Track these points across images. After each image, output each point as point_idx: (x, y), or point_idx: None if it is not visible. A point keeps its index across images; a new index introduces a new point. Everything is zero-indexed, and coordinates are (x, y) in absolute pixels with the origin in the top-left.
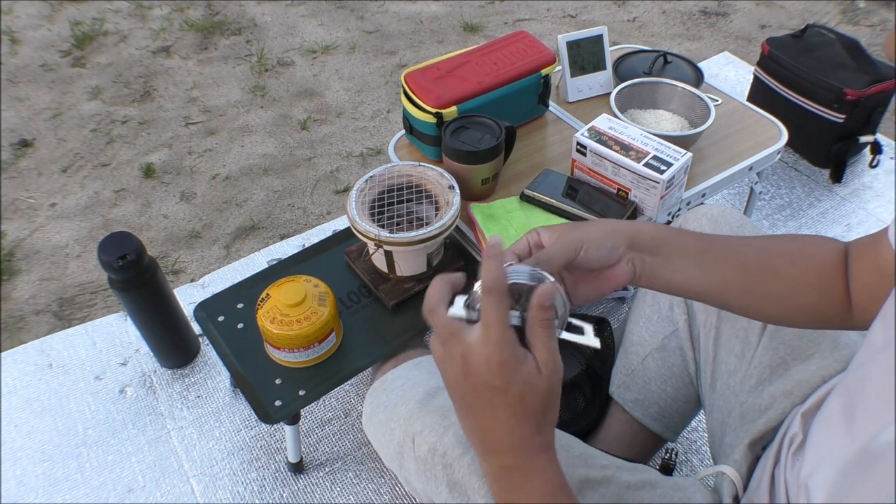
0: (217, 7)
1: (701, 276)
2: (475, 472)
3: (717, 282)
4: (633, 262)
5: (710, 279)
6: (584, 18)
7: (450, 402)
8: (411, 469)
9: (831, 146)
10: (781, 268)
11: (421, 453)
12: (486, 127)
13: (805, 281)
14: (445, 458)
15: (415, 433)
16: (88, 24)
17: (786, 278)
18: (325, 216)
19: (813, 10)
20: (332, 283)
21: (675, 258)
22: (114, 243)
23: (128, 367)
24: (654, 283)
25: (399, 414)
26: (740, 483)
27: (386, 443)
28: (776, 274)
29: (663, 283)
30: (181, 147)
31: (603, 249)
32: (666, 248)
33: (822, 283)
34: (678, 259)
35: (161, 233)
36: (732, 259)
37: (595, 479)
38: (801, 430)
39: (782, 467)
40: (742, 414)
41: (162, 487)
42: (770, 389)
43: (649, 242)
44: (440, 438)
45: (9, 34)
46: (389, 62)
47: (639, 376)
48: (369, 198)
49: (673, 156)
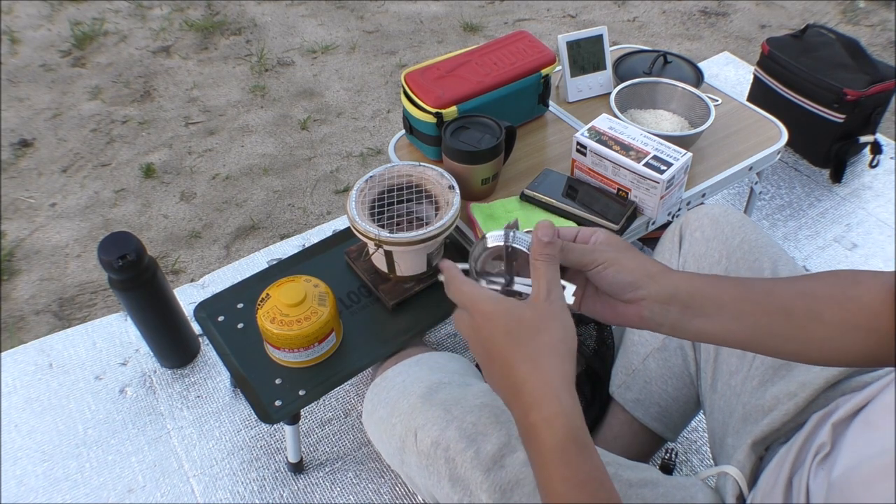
0: (217, 7)
1: (738, 326)
2: (478, 467)
3: (755, 330)
4: (651, 310)
5: (748, 327)
6: (584, 18)
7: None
8: (413, 464)
9: (831, 146)
10: (826, 312)
11: (423, 447)
12: (486, 127)
13: (851, 323)
14: (448, 452)
15: (417, 427)
16: (88, 24)
17: (831, 322)
18: (325, 216)
19: (813, 10)
20: (332, 283)
21: (710, 309)
22: (114, 243)
23: (128, 367)
24: (683, 334)
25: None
26: (744, 483)
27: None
28: (821, 318)
29: (693, 333)
30: (181, 147)
31: (620, 278)
32: (699, 299)
33: (871, 324)
34: (713, 310)
35: (161, 233)
36: (773, 305)
37: None
38: (829, 441)
39: (804, 474)
40: (745, 415)
41: (162, 487)
42: (773, 391)
43: (683, 296)
44: (443, 432)
45: (9, 34)
46: (389, 62)
47: (639, 376)
48: (369, 198)
49: (673, 156)
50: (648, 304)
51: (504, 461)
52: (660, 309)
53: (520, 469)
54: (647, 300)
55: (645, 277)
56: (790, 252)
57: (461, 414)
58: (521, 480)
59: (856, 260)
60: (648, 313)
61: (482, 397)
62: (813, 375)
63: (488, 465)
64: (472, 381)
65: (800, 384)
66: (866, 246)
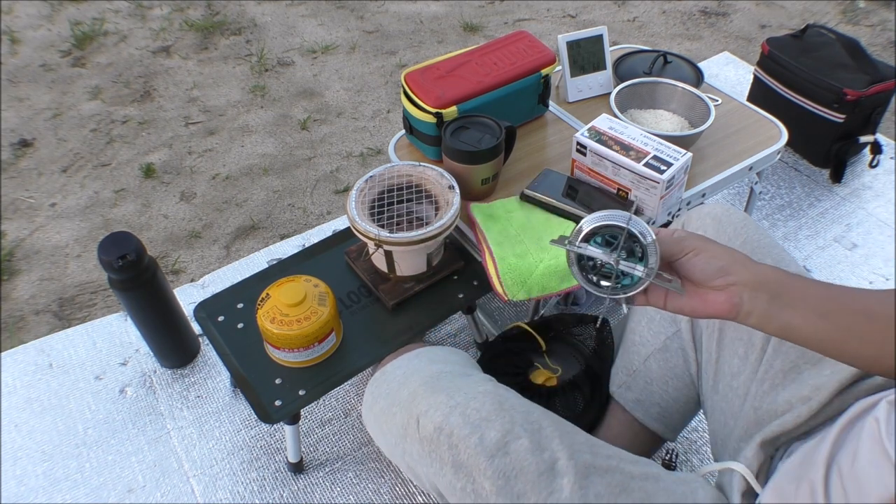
0: (217, 7)
1: (822, 323)
2: (482, 453)
3: (838, 330)
4: (741, 297)
5: (832, 326)
6: (584, 18)
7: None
8: (414, 452)
9: (831, 146)
10: None
11: (426, 433)
12: (486, 127)
13: None
14: (452, 437)
15: (419, 413)
16: (88, 24)
17: None
18: (325, 216)
19: (813, 10)
20: (332, 283)
21: (797, 301)
22: (114, 243)
23: (128, 367)
24: (769, 325)
25: (401, 397)
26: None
27: (387, 430)
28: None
29: (779, 325)
30: (181, 147)
31: (709, 265)
32: (788, 290)
33: None
34: (800, 303)
35: (161, 233)
36: (855, 306)
37: (601, 467)
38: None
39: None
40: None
41: (162, 487)
42: (784, 395)
43: (773, 284)
44: (446, 418)
45: (9, 34)
46: (389, 62)
47: (640, 377)
48: (369, 198)
49: (673, 156)
50: (738, 290)
51: (508, 448)
52: (750, 295)
53: (523, 456)
54: (737, 285)
55: (735, 263)
56: (790, 252)
57: (464, 401)
58: (524, 468)
59: (856, 260)
60: (738, 300)
61: (484, 385)
62: (825, 379)
63: (492, 451)
64: (472, 371)
65: (813, 388)
66: (866, 246)
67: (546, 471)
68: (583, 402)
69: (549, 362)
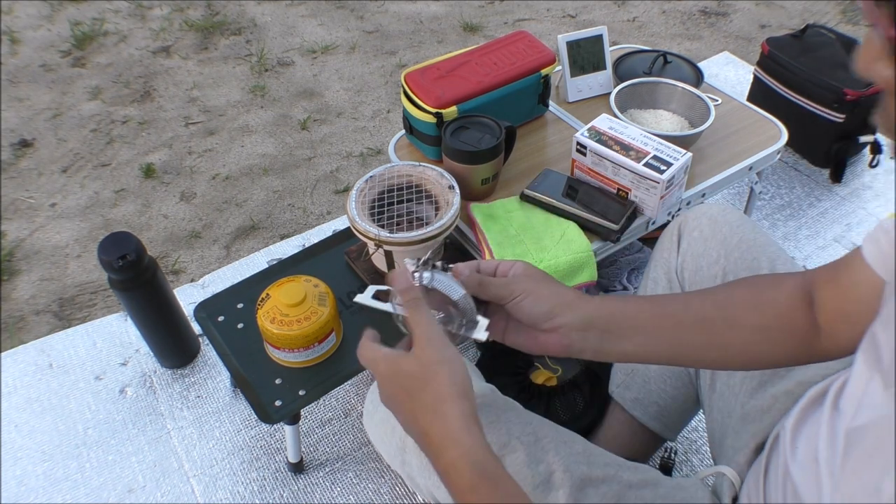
0: (217, 7)
1: (656, 343)
2: None
3: (674, 345)
4: (570, 337)
5: (666, 343)
6: (584, 18)
7: None
8: (414, 465)
9: (831, 146)
10: (743, 317)
11: None
12: (486, 127)
13: (769, 326)
14: None
15: None
16: (88, 24)
17: (748, 327)
18: (325, 216)
19: (813, 10)
20: (332, 283)
21: (628, 331)
22: (114, 243)
23: (128, 367)
24: (608, 357)
25: None
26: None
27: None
28: (738, 324)
29: (616, 355)
30: (181, 147)
31: (536, 308)
32: (616, 323)
33: (788, 325)
34: (631, 331)
35: (161, 233)
36: (688, 318)
37: (597, 478)
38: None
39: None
40: (743, 416)
41: (162, 487)
42: (772, 391)
43: (602, 320)
44: None
45: (9, 34)
46: (389, 62)
47: (639, 376)
48: (369, 198)
49: (673, 156)
50: (567, 332)
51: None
52: (578, 336)
53: (519, 469)
54: (564, 328)
55: (560, 306)
56: (790, 252)
57: None
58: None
59: None
60: (568, 341)
61: (482, 397)
62: (811, 374)
63: None
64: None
65: (797, 382)
66: None
67: (541, 483)
68: (582, 402)
69: (549, 362)
